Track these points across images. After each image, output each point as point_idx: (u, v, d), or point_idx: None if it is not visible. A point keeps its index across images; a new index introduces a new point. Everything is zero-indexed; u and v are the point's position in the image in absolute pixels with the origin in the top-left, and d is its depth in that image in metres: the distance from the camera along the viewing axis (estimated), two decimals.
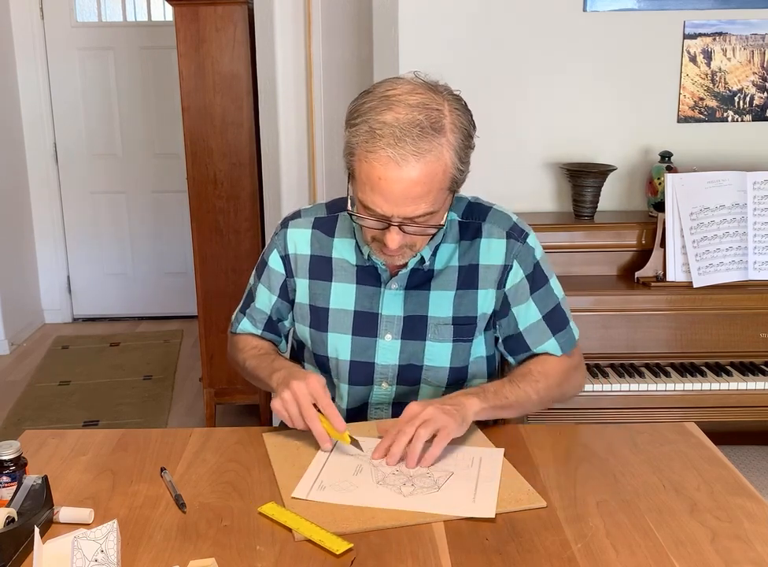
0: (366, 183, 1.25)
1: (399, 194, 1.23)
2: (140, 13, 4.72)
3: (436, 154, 1.22)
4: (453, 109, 1.26)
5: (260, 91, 2.94)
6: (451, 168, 1.25)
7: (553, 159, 2.58)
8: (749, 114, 2.57)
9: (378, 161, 1.22)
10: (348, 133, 1.27)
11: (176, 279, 4.89)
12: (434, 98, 1.25)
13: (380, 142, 1.21)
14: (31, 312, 4.76)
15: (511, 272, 1.44)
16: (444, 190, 1.27)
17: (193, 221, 3.18)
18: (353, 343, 1.46)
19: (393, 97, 1.24)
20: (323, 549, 1.05)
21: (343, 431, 1.28)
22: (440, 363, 1.45)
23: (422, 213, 1.26)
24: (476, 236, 1.44)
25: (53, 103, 4.69)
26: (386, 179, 1.22)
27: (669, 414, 2.08)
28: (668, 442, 1.38)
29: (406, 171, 1.21)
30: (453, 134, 1.25)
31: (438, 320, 1.44)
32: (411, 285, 1.44)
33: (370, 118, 1.23)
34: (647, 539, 1.09)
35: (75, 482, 1.25)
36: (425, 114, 1.22)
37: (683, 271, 2.23)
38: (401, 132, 1.20)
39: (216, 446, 1.37)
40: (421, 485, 1.20)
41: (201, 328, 3.27)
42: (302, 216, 1.51)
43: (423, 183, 1.23)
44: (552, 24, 2.50)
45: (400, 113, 1.22)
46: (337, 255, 1.47)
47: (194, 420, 3.52)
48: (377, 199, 1.25)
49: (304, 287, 1.49)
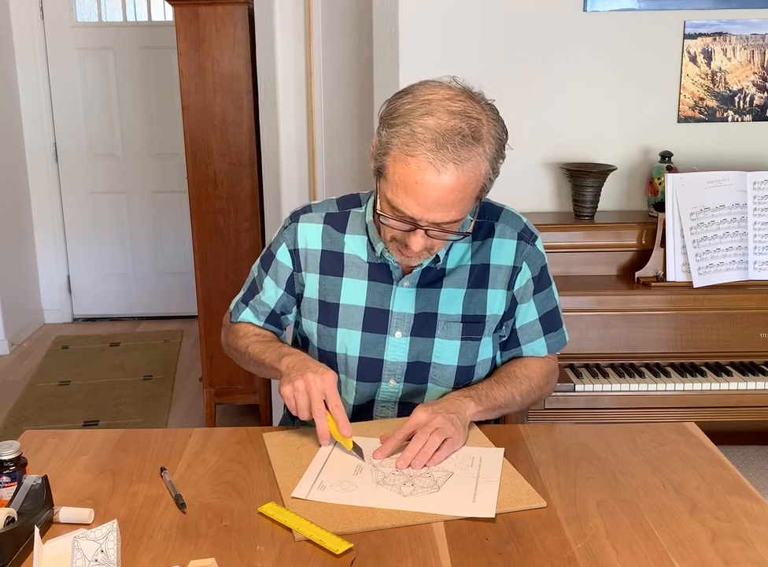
0: (399, 184, 1.25)
1: (433, 200, 1.24)
2: (140, 13, 4.72)
3: (474, 164, 1.24)
4: (491, 120, 1.28)
5: (260, 91, 2.94)
6: (484, 177, 1.27)
7: (553, 159, 2.59)
8: (749, 114, 2.57)
9: (417, 165, 1.22)
10: (387, 133, 1.27)
11: (176, 279, 4.89)
12: (474, 107, 1.26)
13: (422, 147, 1.22)
14: (31, 312, 4.76)
15: (519, 274, 1.46)
16: (473, 199, 1.29)
17: (193, 221, 3.18)
18: (363, 339, 1.46)
19: (435, 101, 1.25)
20: (323, 549, 1.05)
21: (348, 437, 1.29)
22: (447, 361, 1.46)
23: (451, 219, 1.28)
24: (488, 236, 1.46)
25: (53, 103, 4.69)
26: (423, 183, 1.23)
27: (669, 414, 2.08)
28: (668, 442, 1.38)
29: (444, 178, 1.22)
30: (489, 144, 1.26)
31: (448, 318, 1.45)
32: (423, 283, 1.45)
33: (411, 121, 1.23)
34: (647, 539, 1.09)
35: (75, 482, 1.25)
36: (466, 122, 1.23)
37: (683, 271, 2.23)
38: (444, 139, 1.21)
39: (216, 446, 1.36)
40: (421, 485, 1.20)
41: (201, 328, 3.27)
42: (313, 211, 1.51)
43: (459, 191, 1.24)
44: (552, 24, 2.50)
45: (441, 119, 1.22)
46: (349, 251, 1.47)
47: (194, 420, 3.52)
48: (409, 202, 1.25)
49: (314, 282, 1.49)
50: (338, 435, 1.29)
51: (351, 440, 1.29)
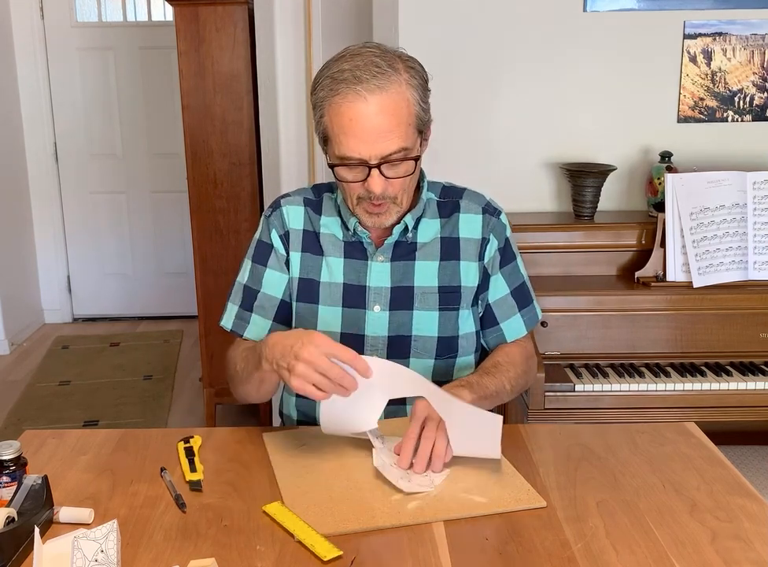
0: (339, 132, 1.32)
1: (370, 130, 1.30)
2: (140, 13, 4.72)
3: (397, 88, 1.31)
4: (405, 59, 1.35)
5: (260, 91, 2.95)
6: (413, 103, 1.33)
7: (553, 159, 2.59)
8: (749, 114, 2.57)
9: (345, 99, 1.30)
10: (315, 96, 1.35)
11: (176, 279, 4.89)
12: (386, 51, 1.34)
13: (343, 84, 1.30)
14: (31, 312, 4.76)
15: (488, 245, 1.51)
16: (411, 127, 1.33)
17: (193, 221, 3.18)
18: (344, 315, 1.48)
19: (348, 52, 1.34)
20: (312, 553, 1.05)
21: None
22: (428, 332, 1.48)
23: (396, 148, 1.32)
24: (454, 211, 1.51)
25: (53, 103, 4.69)
26: (356, 116, 1.30)
27: (669, 414, 2.08)
28: (668, 442, 1.38)
29: (372, 102, 1.29)
30: (408, 74, 1.33)
31: (424, 289, 1.48)
32: (397, 257, 1.48)
33: (331, 73, 1.32)
34: (647, 539, 1.09)
35: (75, 482, 1.25)
36: (380, 57, 1.31)
37: (683, 271, 2.23)
38: (360, 71, 1.29)
39: (216, 446, 1.37)
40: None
41: (201, 328, 3.27)
42: (292, 195, 1.56)
43: (391, 114, 1.30)
44: (552, 24, 2.50)
45: (357, 61, 1.31)
46: (325, 231, 1.51)
47: (194, 420, 3.52)
48: (352, 143, 1.31)
49: (297, 261, 1.51)
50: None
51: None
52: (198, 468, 1.26)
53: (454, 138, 2.51)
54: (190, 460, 1.29)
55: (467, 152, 2.55)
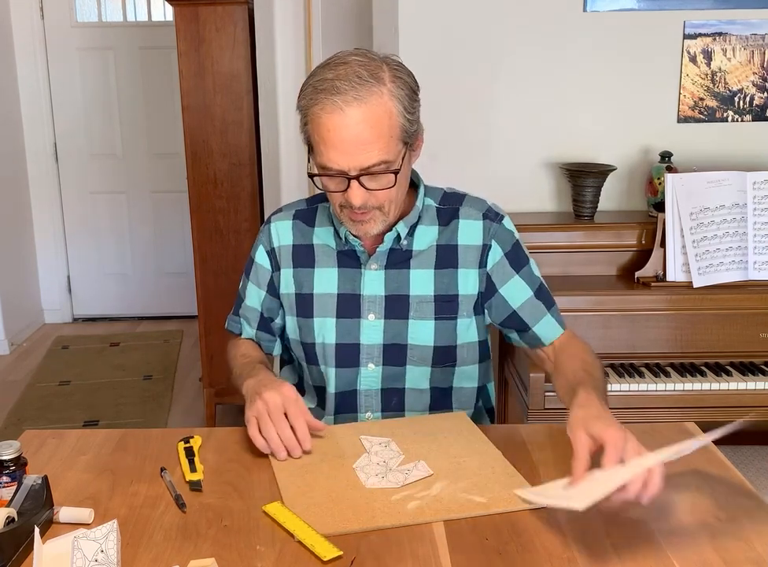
0: (320, 142, 1.30)
1: (349, 142, 1.27)
2: (140, 13, 4.72)
3: (377, 99, 1.27)
4: (393, 68, 1.32)
5: (260, 91, 2.95)
6: (397, 115, 1.30)
7: (553, 159, 2.59)
8: (749, 114, 2.57)
9: (323, 110, 1.27)
10: (300, 105, 1.34)
11: (176, 279, 4.89)
12: (373, 59, 1.31)
13: (322, 94, 1.28)
14: (31, 312, 4.76)
15: (490, 252, 1.48)
16: (394, 139, 1.30)
17: (193, 221, 3.18)
18: (338, 325, 1.48)
19: (334, 60, 1.32)
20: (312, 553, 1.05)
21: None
22: (423, 342, 1.47)
23: (376, 161, 1.29)
24: (453, 218, 1.49)
25: (53, 103, 4.69)
26: (334, 128, 1.27)
27: (669, 414, 2.08)
28: (668, 443, 1.38)
29: (350, 115, 1.26)
30: (394, 83, 1.30)
31: (420, 298, 1.47)
32: (391, 265, 1.47)
33: (314, 83, 1.30)
34: (647, 539, 1.09)
35: (75, 482, 1.25)
36: (364, 67, 1.28)
37: (683, 271, 2.23)
38: (341, 82, 1.27)
39: (216, 446, 1.36)
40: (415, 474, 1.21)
41: (201, 328, 3.27)
42: (283, 211, 1.58)
43: (371, 127, 1.27)
44: (552, 23, 2.50)
45: (340, 71, 1.28)
46: (318, 241, 1.51)
47: (194, 420, 3.52)
48: (331, 153, 1.29)
49: (289, 277, 1.52)
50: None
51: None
52: (198, 468, 1.26)
53: (454, 139, 2.51)
54: (190, 460, 1.29)
55: (466, 152, 2.55)
